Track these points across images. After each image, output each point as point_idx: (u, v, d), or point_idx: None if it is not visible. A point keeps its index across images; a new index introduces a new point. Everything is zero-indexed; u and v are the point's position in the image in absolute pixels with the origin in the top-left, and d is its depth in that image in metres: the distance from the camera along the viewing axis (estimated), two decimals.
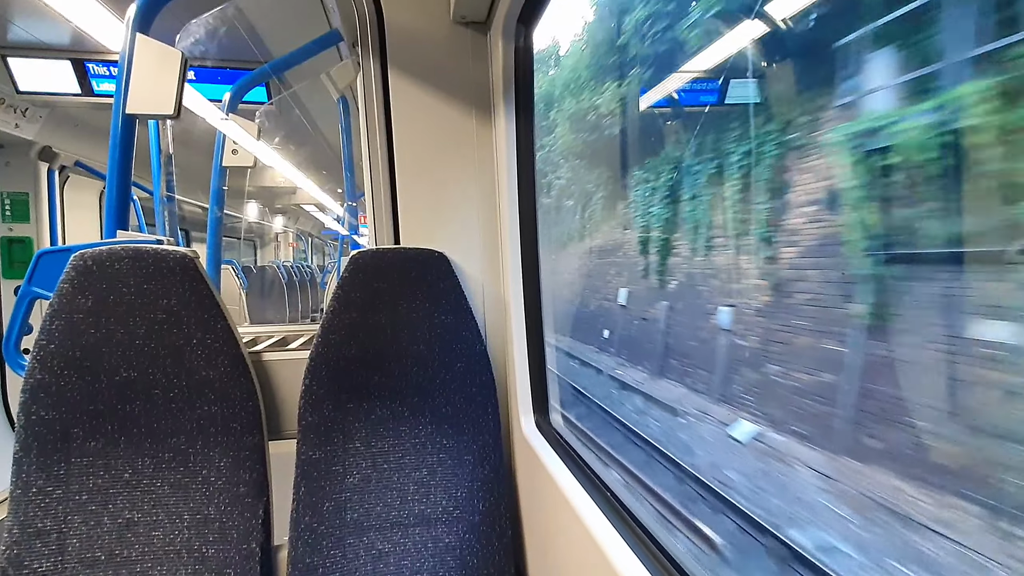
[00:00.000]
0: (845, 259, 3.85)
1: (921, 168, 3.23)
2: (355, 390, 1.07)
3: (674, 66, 6.16)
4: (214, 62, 2.60)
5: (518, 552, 1.15)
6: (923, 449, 3.12)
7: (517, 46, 1.10)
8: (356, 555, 1.02)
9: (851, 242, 3.77)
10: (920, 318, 3.26)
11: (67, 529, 0.94)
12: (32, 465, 0.94)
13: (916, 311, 3.29)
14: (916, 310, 3.29)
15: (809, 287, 4.33)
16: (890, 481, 3.23)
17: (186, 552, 0.97)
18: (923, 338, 3.22)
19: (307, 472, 1.03)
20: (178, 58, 1.08)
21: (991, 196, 2.83)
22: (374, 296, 1.07)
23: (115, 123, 1.13)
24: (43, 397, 0.94)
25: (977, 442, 2.83)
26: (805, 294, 4.36)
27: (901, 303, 3.38)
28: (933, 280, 3.20)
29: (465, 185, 1.20)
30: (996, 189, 2.79)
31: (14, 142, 2.98)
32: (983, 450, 2.79)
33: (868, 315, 3.57)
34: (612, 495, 0.81)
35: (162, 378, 0.99)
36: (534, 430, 1.12)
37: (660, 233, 6.77)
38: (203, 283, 1.00)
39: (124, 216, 1.12)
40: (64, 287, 0.94)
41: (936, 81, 3.25)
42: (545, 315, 1.19)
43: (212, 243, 2.56)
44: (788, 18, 4.64)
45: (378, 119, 1.17)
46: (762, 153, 4.98)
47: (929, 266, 3.26)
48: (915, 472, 3.12)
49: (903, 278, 3.39)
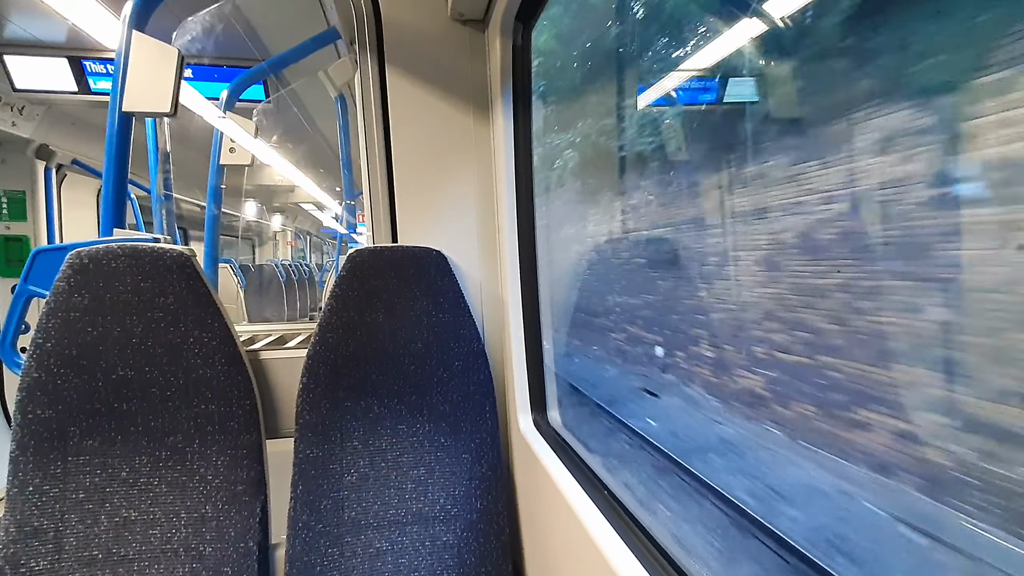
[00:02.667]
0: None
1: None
2: (353, 388, 1.07)
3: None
4: (211, 59, 2.60)
5: (515, 550, 1.15)
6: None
7: (515, 44, 1.10)
8: (354, 553, 1.02)
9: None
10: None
11: (64, 528, 0.94)
12: (29, 464, 0.94)
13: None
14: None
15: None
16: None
17: (183, 550, 0.97)
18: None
19: (305, 470, 1.03)
20: (175, 55, 1.08)
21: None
22: (372, 294, 1.07)
23: (112, 121, 1.12)
24: (39, 395, 0.94)
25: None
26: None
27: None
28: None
29: (463, 183, 1.20)
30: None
31: (11, 140, 2.98)
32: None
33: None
34: (609, 493, 0.82)
35: (159, 376, 0.99)
36: (532, 428, 1.12)
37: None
38: (200, 281, 1.00)
39: (121, 214, 1.12)
40: (60, 285, 0.94)
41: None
42: (543, 313, 1.19)
43: (210, 241, 2.56)
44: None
45: (376, 117, 1.17)
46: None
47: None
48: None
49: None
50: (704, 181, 2.43)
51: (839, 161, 1.42)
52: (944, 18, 1.11)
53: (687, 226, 2.61)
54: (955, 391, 1.07)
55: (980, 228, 0.96)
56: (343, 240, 7.21)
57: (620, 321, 3.43)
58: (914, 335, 1.16)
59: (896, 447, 1.32)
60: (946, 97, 1.06)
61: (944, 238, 1.04)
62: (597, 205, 3.70)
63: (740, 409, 2.26)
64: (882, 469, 1.44)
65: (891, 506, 1.45)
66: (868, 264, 1.34)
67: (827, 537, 1.64)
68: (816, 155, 1.51)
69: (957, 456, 1.10)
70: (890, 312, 1.24)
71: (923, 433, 1.20)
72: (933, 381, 1.13)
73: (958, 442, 1.08)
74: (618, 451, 2.72)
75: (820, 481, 1.76)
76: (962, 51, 1.02)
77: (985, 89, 0.92)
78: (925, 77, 1.16)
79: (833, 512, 1.68)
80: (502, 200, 1.16)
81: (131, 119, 1.14)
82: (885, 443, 1.36)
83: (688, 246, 2.59)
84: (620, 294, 3.38)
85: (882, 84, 1.32)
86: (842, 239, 1.40)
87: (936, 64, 1.12)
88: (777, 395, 1.95)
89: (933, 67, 1.12)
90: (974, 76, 0.95)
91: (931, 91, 1.10)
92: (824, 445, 1.72)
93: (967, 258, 0.98)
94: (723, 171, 2.25)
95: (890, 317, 1.24)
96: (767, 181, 1.89)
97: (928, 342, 1.13)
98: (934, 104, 1.09)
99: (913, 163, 1.14)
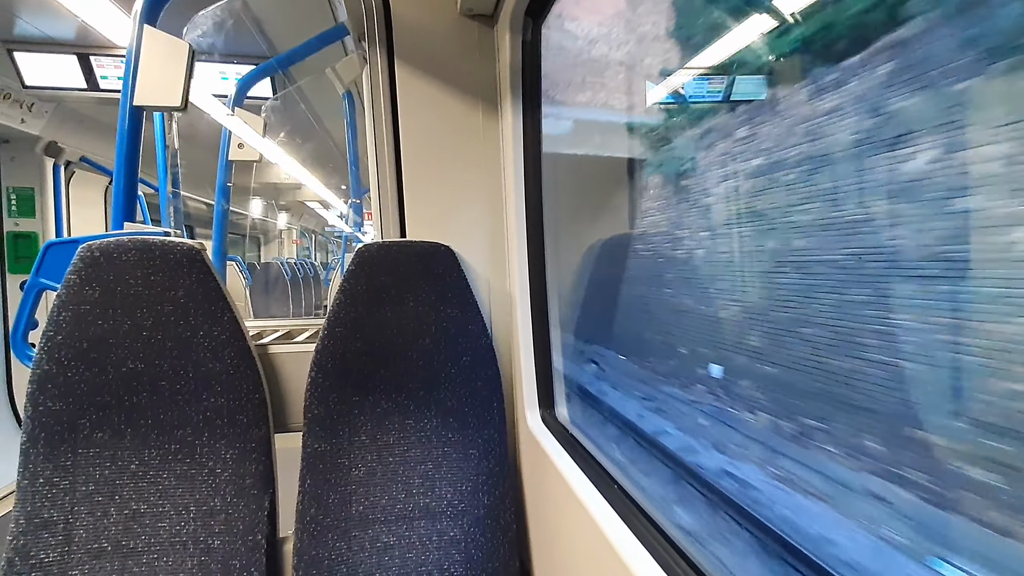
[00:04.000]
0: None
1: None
2: (361, 383, 1.07)
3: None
4: (220, 56, 2.61)
5: (523, 546, 1.15)
6: None
7: (524, 39, 1.09)
8: (361, 548, 1.02)
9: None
10: None
11: (74, 520, 0.94)
12: (39, 456, 0.94)
13: None
14: None
15: None
16: None
17: (192, 543, 0.97)
18: None
19: (313, 465, 1.03)
20: (186, 50, 1.08)
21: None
22: (380, 289, 1.07)
23: (122, 115, 1.13)
24: (50, 388, 0.94)
25: None
26: None
27: None
28: None
29: (472, 179, 1.20)
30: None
31: (20, 137, 3.00)
32: None
33: None
34: (619, 488, 0.81)
35: (169, 370, 0.99)
36: (539, 424, 1.12)
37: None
38: (210, 275, 1.00)
39: (131, 208, 1.13)
40: (72, 278, 0.95)
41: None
42: (551, 309, 1.18)
43: (218, 236, 2.57)
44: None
45: (385, 112, 1.17)
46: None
47: None
48: None
49: None
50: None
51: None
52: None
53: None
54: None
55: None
56: (348, 239, 7.22)
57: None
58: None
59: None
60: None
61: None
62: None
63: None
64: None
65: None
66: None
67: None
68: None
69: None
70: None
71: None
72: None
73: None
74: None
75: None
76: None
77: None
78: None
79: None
80: (510, 196, 1.16)
81: (142, 113, 1.14)
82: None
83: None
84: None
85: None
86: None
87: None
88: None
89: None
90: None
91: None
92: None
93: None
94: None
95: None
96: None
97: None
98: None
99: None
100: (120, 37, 1.93)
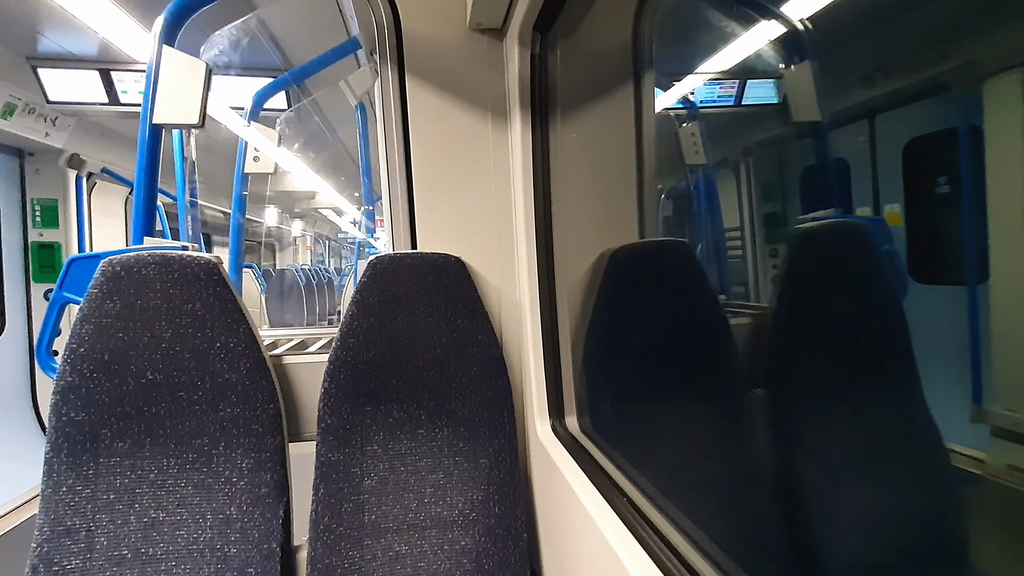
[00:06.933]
0: None
1: None
2: (373, 393, 1.08)
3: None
4: (237, 71, 2.66)
5: (534, 556, 1.15)
6: None
7: (533, 53, 1.11)
8: (374, 556, 1.03)
9: None
10: None
11: (95, 527, 0.96)
12: (63, 465, 0.97)
13: None
14: None
15: None
16: None
17: (209, 551, 0.99)
18: None
19: (326, 474, 1.05)
20: (203, 69, 1.11)
21: None
22: (392, 300, 1.08)
23: (142, 133, 1.16)
24: (73, 399, 0.97)
25: None
26: None
27: None
28: None
29: (481, 190, 1.21)
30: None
31: (44, 150, 3.08)
32: None
33: None
34: (629, 501, 0.81)
35: (186, 381, 1.01)
36: (550, 435, 1.12)
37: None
38: (226, 288, 1.02)
39: (151, 223, 1.16)
40: (94, 292, 0.97)
41: None
42: (561, 321, 1.19)
43: (235, 248, 2.61)
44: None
45: (396, 124, 1.19)
46: None
47: None
48: None
49: None
50: None
51: None
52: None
53: None
54: None
55: None
56: (361, 245, 7.29)
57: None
58: None
59: None
60: None
61: None
62: None
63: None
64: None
65: None
66: None
67: None
68: None
69: None
70: None
71: None
72: None
73: None
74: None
75: None
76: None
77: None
78: None
79: None
80: (519, 208, 1.17)
81: (161, 131, 1.17)
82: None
83: None
84: None
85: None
86: None
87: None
88: None
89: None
90: None
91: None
92: None
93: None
94: None
95: None
96: None
97: None
98: None
99: None
100: (140, 53, 1.98)
